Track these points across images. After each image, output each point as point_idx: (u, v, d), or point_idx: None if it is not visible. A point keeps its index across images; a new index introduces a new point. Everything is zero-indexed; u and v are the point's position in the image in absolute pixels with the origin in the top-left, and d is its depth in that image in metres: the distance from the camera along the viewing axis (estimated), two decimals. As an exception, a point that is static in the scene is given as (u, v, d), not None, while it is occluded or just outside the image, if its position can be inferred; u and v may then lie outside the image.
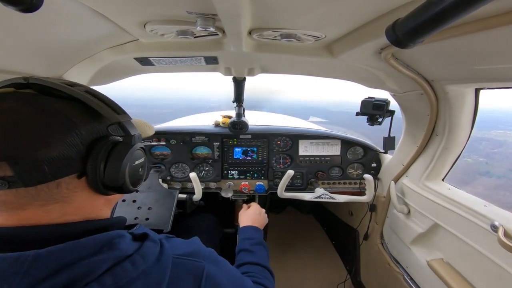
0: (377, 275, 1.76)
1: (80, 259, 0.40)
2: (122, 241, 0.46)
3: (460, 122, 1.13)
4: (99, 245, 0.44)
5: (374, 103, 1.39)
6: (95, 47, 1.05)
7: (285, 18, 0.77)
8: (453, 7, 0.37)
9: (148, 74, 1.53)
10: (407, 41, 0.49)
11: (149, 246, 0.49)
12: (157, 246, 0.51)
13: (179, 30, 0.85)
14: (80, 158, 0.45)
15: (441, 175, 1.31)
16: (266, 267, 0.93)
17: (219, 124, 1.87)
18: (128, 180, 0.53)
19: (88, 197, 0.49)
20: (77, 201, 0.47)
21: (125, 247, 0.46)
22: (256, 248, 1.00)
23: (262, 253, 1.00)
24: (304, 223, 2.88)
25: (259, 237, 1.10)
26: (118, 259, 0.44)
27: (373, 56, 0.94)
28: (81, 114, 0.46)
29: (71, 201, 0.46)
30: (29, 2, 0.43)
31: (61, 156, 0.42)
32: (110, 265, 0.42)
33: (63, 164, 0.43)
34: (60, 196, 0.45)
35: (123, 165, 0.50)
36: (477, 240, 1.00)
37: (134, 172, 0.54)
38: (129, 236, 0.49)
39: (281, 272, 2.21)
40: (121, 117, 0.51)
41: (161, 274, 0.48)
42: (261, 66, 1.41)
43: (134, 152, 0.53)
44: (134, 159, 0.54)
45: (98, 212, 0.53)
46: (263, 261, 0.94)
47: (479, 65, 0.80)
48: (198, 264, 0.55)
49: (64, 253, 0.40)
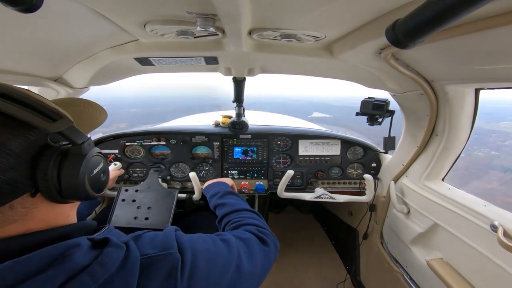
0: (376, 274, 1.76)
1: (27, 277, 0.35)
2: (77, 251, 0.41)
3: (460, 122, 1.13)
4: (49, 259, 0.38)
5: (374, 103, 1.39)
6: (95, 47, 1.05)
7: (285, 18, 0.77)
8: (453, 7, 0.37)
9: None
10: (407, 41, 0.49)
11: (110, 252, 0.44)
12: (120, 251, 0.45)
13: (179, 30, 0.85)
14: (26, 177, 0.40)
15: (441, 175, 1.32)
16: (243, 209, 0.93)
17: (219, 124, 1.87)
18: (91, 190, 0.48)
19: (51, 208, 0.45)
20: (38, 215, 0.43)
21: (81, 258, 0.40)
22: (225, 198, 1.01)
23: (233, 200, 1.00)
24: (304, 222, 2.89)
25: (225, 188, 1.08)
26: (73, 271, 0.38)
27: (373, 56, 0.94)
28: (3, 128, 0.38)
29: (31, 217, 0.42)
30: (29, 2, 0.43)
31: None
32: (62, 280, 0.37)
33: (7, 189, 0.38)
34: (18, 216, 0.41)
35: (80, 179, 0.45)
36: (476, 240, 1.00)
37: (95, 181, 0.50)
38: (87, 244, 0.44)
39: (281, 271, 2.21)
40: (58, 124, 0.42)
41: (127, 280, 0.43)
42: (261, 66, 1.41)
43: (89, 161, 0.47)
44: (91, 168, 0.48)
45: (65, 218, 0.49)
46: (238, 206, 0.95)
47: (479, 65, 0.80)
48: (170, 257, 0.50)
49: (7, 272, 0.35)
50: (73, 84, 1.27)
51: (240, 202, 1.00)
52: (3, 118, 0.38)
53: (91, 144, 0.49)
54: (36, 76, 1.07)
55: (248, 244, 0.71)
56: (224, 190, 1.06)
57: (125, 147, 1.79)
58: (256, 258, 0.68)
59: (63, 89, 1.25)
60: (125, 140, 1.77)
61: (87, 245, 0.43)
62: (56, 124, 0.41)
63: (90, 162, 0.48)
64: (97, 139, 1.77)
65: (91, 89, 1.46)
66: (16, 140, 0.39)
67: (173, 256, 0.51)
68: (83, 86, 1.34)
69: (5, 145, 0.37)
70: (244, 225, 0.83)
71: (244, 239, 0.72)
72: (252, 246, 0.71)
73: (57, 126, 0.41)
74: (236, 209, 0.93)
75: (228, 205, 0.96)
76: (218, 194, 1.04)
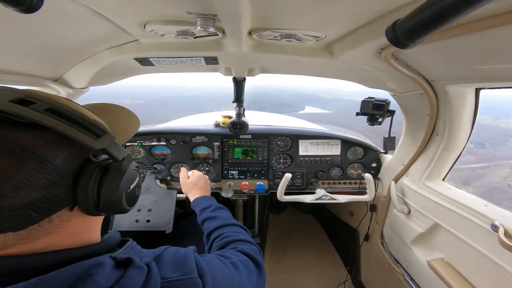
0: (377, 275, 1.76)
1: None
2: (100, 271, 0.40)
3: (460, 122, 1.13)
4: (73, 278, 0.38)
5: (374, 103, 1.39)
6: (95, 48, 1.05)
7: (285, 18, 0.77)
8: (453, 7, 0.37)
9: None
10: (407, 41, 0.49)
11: (132, 275, 0.43)
12: (142, 273, 0.45)
13: (179, 30, 0.85)
14: (68, 193, 0.40)
15: (441, 175, 1.31)
16: (235, 224, 0.94)
17: (219, 124, 1.87)
18: (126, 204, 0.48)
19: (82, 220, 0.46)
20: (70, 227, 0.43)
21: (104, 279, 0.40)
22: (217, 212, 1.01)
23: (224, 214, 1.01)
24: (304, 223, 2.89)
25: (215, 203, 1.09)
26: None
27: (373, 56, 0.94)
28: (49, 145, 0.38)
29: (63, 229, 0.42)
30: (29, 2, 0.43)
31: (43, 197, 0.37)
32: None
33: (49, 204, 0.38)
34: (53, 229, 0.41)
35: (119, 194, 0.45)
36: (477, 240, 1.00)
37: (130, 196, 0.50)
38: (110, 263, 0.43)
39: (281, 272, 2.21)
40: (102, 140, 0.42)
41: None
42: (261, 66, 1.41)
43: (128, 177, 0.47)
44: (129, 184, 0.48)
45: (91, 230, 0.49)
46: (229, 221, 0.96)
47: (479, 65, 0.80)
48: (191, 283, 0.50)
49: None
50: (73, 85, 1.27)
51: (229, 216, 1.01)
52: (48, 134, 0.38)
53: (130, 159, 0.49)
54: (36, 77, 1.07)
55: (248, 268, 0.71)
56: (215, 205, 1.07)
57: (125, 147, 1.79)
58: (253, 284, 0.70)
59: (63, 89, 1.25)
60: None
61: (110, 264, 0.43)
62: (100, 141, 0.41)
63: (129, 178, 0.48)
64: None
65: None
66: (60, 156, 0.39)
67: (194, 281, 0.50)
68: (83, 86, 1.34)
69: (51, 162, 0.37)
70: (235, 242, 0.83)
71: (244, 261, 0.72)
72: (251, 270, 0.72)
73: (101, 143, 0.41)
74: (227, 223, 0.94)
75: (221, 219, 0.96)
76: (210, 208, 1.04)
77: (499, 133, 23.22)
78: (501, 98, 29.56)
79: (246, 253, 0.77)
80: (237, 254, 0.74)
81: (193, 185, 1.23)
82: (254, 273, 0.72)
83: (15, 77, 0.96)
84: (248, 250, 0.78)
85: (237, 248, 0.79)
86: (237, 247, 0.80)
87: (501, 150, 17.24)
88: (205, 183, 1.26)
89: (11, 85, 1.01)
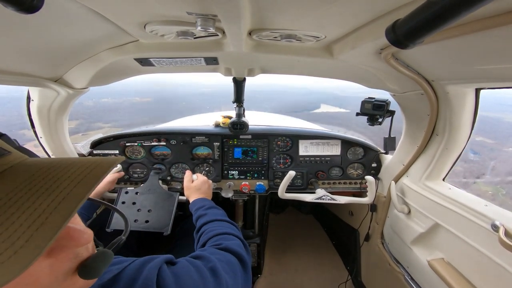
0: (378, 275, 1.76)
1: None
2: None
3: (460, 122, 1.13)
4: None
5: (374, 103, 1.39)
6: (95, 48, 1.05)
7: (285, 18, 0.77)
8: (453, 7, 0.37)
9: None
10: (407, 42, 0.49)
11: None
12: None
13: (179, 31, 0.85)
14: None
15: (441, 175, 1.31)
16: (222, 219, 0.98)
17: (219, 125, 1.87)
18: None
19: None
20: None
21: None
22: (208, 211, 1.06)
23: (215, 212, 1.05)
24: (305, 223, 2.88)
25: (210, 203, 1.14)
26: None
27: (373, 56, 0.94)
28: None
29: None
30: (29, 2, 0.43)
31: None
32: None
33: None
34: None
35: None
36: (478, 240, 1.00)
37: None
38: None
39: (282, 272, 2.21)
40: None
41: None
42: (261, 67, 1.41)
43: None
44: None
45: None
46: (217, 217, 0.99)
47: (480, 65, 0.80)
48: None
49: None
50: (73, 85, 1.28)
51: (220, 213, 1.05)
52: None
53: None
54: (36, 77, 1.07)
55: (231, 267, 0.70)
56: (209, 205, 1.12)
57: (125, 148, 1.79)
58: (239, 285, 0.69)
59: (63, 89, 1.25)
60: (125, 141, 1.77)
61: None
62: None
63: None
64: (97, 140, 1.77)
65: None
66: None
67: None
68: (83, 86, 1.34)
69: None
70: (217, 235, 0.84)
71: (227, 261, 0.71)
72: (235, 270, 0.71)
73: None
74: (214, 219, 0.97)
75: (209, 216, 1.00)
76: (203, 207, 1.09)
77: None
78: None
79: (230, 249, 0.76)
80: (218, 253, 0.73)
81: (196, 189, 1.27)
82: (238, 272, 0.71)
83: (15, 77, 0.96)
84: (232, 246, 0.78)
85: (221, 246, 0.79)
86: (222, 244, 0.79)
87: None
88: (208, 188, 1.31)
89: (12, 85, 1.01)
